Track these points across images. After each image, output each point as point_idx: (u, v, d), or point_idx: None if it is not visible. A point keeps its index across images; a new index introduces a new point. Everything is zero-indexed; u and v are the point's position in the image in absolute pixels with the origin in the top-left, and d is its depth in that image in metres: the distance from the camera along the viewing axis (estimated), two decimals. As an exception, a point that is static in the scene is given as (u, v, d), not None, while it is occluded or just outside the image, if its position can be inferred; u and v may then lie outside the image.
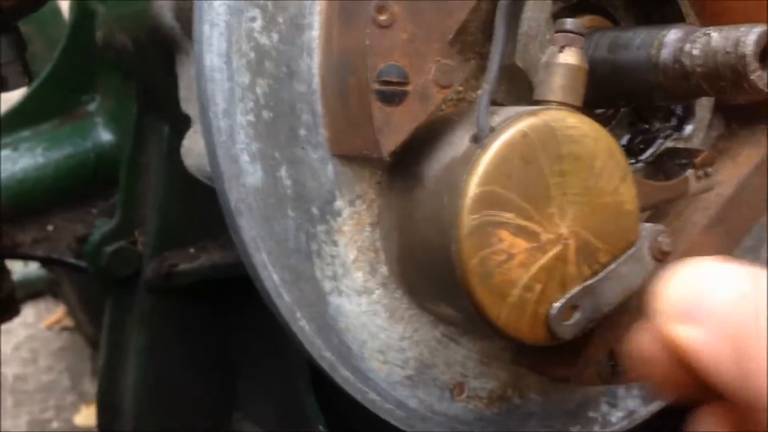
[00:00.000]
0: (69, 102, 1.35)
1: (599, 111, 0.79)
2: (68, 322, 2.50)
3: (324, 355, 0.72)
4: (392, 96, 0.63)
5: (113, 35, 1.12)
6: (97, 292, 1.43)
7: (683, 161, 0.76)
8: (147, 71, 1.09)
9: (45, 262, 1.48)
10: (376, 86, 0.63)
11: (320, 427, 1.12)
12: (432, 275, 0.69)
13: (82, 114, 1.37)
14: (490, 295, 0.65)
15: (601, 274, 0.66)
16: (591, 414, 0.87)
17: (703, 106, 0.83)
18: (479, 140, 0.64)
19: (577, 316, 0.65)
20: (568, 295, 0.65)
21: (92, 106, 1.36)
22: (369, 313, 0.74)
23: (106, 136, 1.34)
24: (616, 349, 0.76)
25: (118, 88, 1.30)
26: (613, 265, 0.67)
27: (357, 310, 0.73)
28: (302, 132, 0.69)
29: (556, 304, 0.64)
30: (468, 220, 0.63)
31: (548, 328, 0.65)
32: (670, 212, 0.84)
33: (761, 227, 0.91)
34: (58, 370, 2.42)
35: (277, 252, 0.69)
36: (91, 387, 2.31)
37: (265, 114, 0.67)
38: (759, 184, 0.83)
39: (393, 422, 0.77)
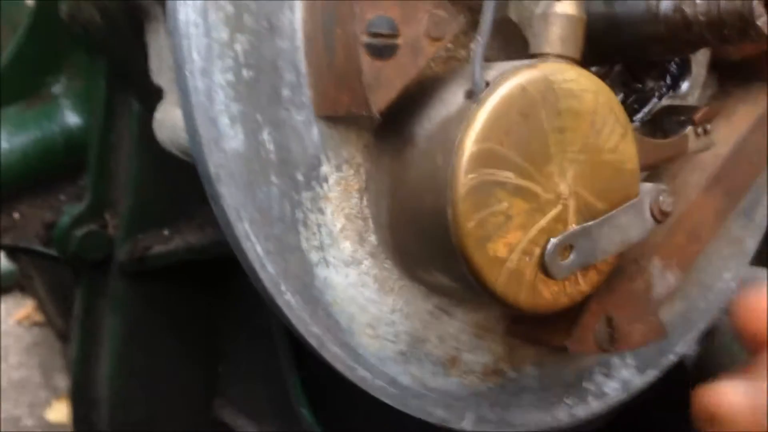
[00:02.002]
0: (34, 84, 1.29)
1: (593, 69, 0.75)
2: (38, 317, 2.46)
3: (312, 330, 0.69)
4: (382, 49, 0.60)
5: (79, 7, 1.07)
6: (67, 284, 1.38)
7: (682, 118, 0.73)
8: (116, 43, 1.04)
9: (12, 251, 1.43)
10: (365, 39, 0.59)
11: (303, 410, 1.09)
12: (425, 241, 0.66)
13: (48, 96, 1.31)
14: (487, 260, 0.61)
15: (601, 219, 0.63)
16: (586, 385, 0.85)
17: (699, 62, 0.81)
18: (474, 95, 0.60)
19: (572, 257, 0.62)
20: (565, 233, 0.62)
21: (58, 88, 1.30)
22: (357, 285, 0.70)
23: (73, 118, 1.28)
24: (613, 315, 0.74)
25: (86, 68, 1.24)
26: (613, 212, 0.64)
27: (345, 282, 0.69)
28: (285, 92, 0.65)
29: (553, 240, 0.61)
30: (464, 179, 0.59)
31: (542, 265, 0.62)
32: (665, 174, 0.81)
33: (755, 188, 0.89)
34: (30, 366, 2.37)
35: (260, 221, 0.65)
36: (63, 382, 2.27)
37: (246, 73, 0.63)
38: (756, 142, 0.81)
39: (385, 400, 0.74)
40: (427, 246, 0.66)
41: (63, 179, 1.26)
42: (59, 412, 2.24)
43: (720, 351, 1.13)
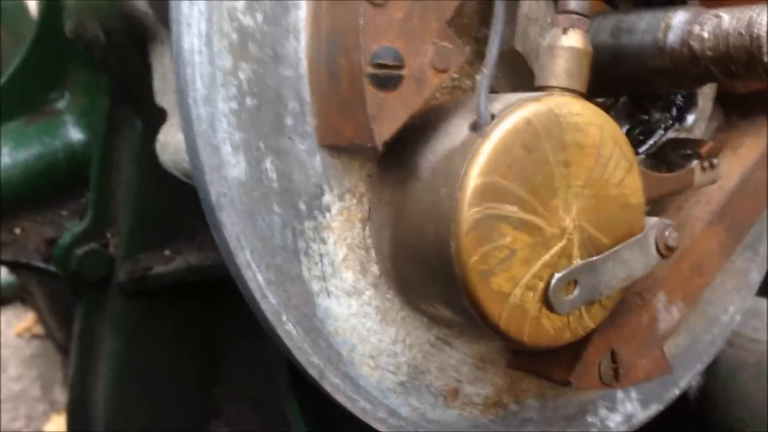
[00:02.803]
0: (37, 99, 1.29)
1: (598, 100, 0.75)
2: (38, 329, 2.45)
3: (312, 361, 0.68)
4: (387, 80, 0.59)
5: (83, 25, 1.07)
6: (67, 298, 1.37)
7: (688, 152, 0.72)
8: (119, 63, 1.04)
9: (13, 266, 1.42)
10: (370, 69, 0.59)
11: (302, 434, 1.08)
12: (427, 274, 0.65)
13: (51, 112, 1.31)
14: (490, 295, 0.61)
15: (605, 253, 0.62)
16: (589, 419, 0.84)
17: (705, 95, 0.80)
18: (479, 128, 0.60)
19: (576, 292, 0.62)
20: (570, 268, 0.61)
21: (62, 104, 1.30)
22: (359, 316, 0.69)
23: (76, 134, 1.28)
24: (617, 350, 0.73)
25: (89, 85, 1.24)
26: (617, 247, 0.63)
27: (346, 313, 0.68)
28: (289, 121, 0.64)
29: (558, 275, 0.60)
30: (468, 213, 0.59)
31: (546, 300, 0.61)
32: (669, 206, 0.81)
33: (760, 222, 0.88)
34: (29, 379, 2.36)
35: (261, 250, 0.64)
36: (62, 395, 2.26)
37: (249, 101, 0.62)
38: (761, 177, 0.80)
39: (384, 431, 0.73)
40: (429, 278, 0.65)
41: (65, 195, 1.25)
42: (57, 425, 2.23)
43: (723, 383, 1.12)
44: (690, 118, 0.78)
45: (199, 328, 1.19)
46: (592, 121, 0.62)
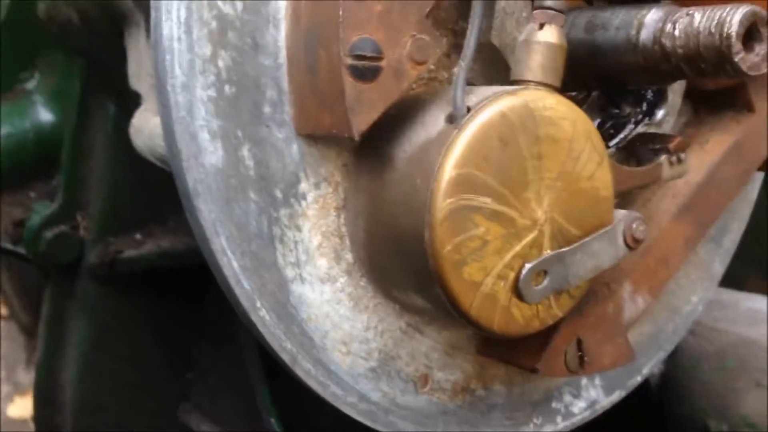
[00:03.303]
0: (6, 80, 1.27)
1: (571, 93, 0.76)
2: (2, 310, 2.42)
3: (285, 346, 0.69)
4: (365, 71, 0.60)
5: (57, 8, 1.06)
6: (32, 278, 1.36)
7: (657, 146, 0.74)
8: (93, 46, 1.03)
9: (-21, 247, 1.40)
10: (349, 61, 0.59)
11: (272, 420, 1.09)
12: (401, 262, 0.66)
13: (21, 92, 1.29)
14: (462, 284, 0.62)
15: (574, 245, 0.64)
16: (554, 405, 0.86)
17: (675, 91, 0.82)
18: (455, 120, 0.61)
19: (545, 282, 0.63)
20: (540, 259, 0.62)
21: (32, 84, 1.28)
22: (332, 302, 0.70)
23: (46, 115, 1.26)
24: (583, 338, 0.75)
25: (61, 66, 1.23)
26: (587, 239, 0.65)
27: (320, 299, 0.69)
28: (267, 109, 0.65)
29: (528, 265, 0.62)
30: (443, 204, 0.60)
31: (516, 290, 0.62)
32: (637, 199, 0.82)
33: (724, 215, 0.90)
34: (-7, 360, 2.33)
35: (237, 237, 0.65)
36: (25, 377, 2.24)
37: (228, 89, 0.63)
38: (727, 172, 0.82)
39: (355, 416, 0.74)
40: (402, 267, 0.66)
41: (34, 176, 1.24)
42: (21, 407, 2.21)
43: (684, 371, 1.15)
44: (660, 113, 0.79)
45: (171, 313, 1.19)
46: (565, 116, 0.64)
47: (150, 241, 1.13)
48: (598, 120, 0.80)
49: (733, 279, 1.07)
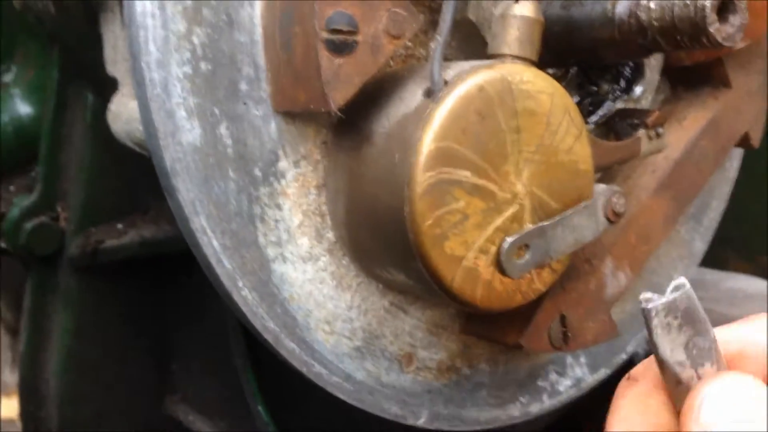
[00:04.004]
0: (-17, 73, 1.26)
1: (549, 71, 0.76)
2: (-15, 310, 2.39)
3: (268, 326, 0.68)
4: (341, 46, 0.60)
5: (32, -5, 1.05)
6: (16, 276, 1.34)
7: (635, 121, 0.74)
8: (69, 33, 1.02)
9: (-41, 243, 1.39)
10: (325, 35, 0.59)
11: (259, 408, 1.08)
12: (382, 239, 0.66)
13: (-1, 85, 1.28)
14: (444, 258, 0.62)
15: (555, 218, 0.64)
16: (540, 383, 0.86)
17: (653, 67, 0.82)
18: (433, 94, 0.61)
19: (527, 256, 0.63)
20: (521, 233, 0.62)
21: (9, 77, 1.27)
22: (315, 281, 0.70)
23: (24, 108, 1.25)
24: (566, 314, 0.75)
25: (38, 58, 1.21)
26: (567, 212, 0.65)
27: (302, 278, 0.69)
28: (243, 86, 0.64)
29: (509, 239, 0.62)
30: (422, 178, 0.60)
31: (498, 264, 0.62)
32: (617, 175, 0.83)
33: (704, 193, 0.91)
34: (-23, 361, 2.31)
35: (216, 216, 0.64)
36: (11, 377, 2.21)
37: (203, 66, 0.62)
38: (705, 147, 0.83)
39: (340, 396, 0.74)
40: (383, 243, 0.66)
41: (13, 170, 1.23)
42: (8, 409, 2.19)
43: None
44: (638, 90, 0.80)
45: (154, 303, 1.18)
46: (543, 89, 0.64)
47: (132, 230, 1.12)
48: (577, 98, 0.80)
49: (714, 261, 1.08)
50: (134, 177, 1.10)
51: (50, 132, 1.13)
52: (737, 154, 0.97)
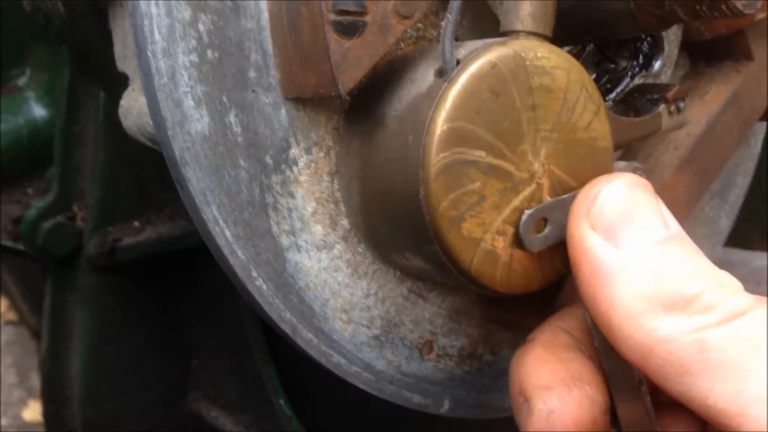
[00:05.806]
0: (-1, 77, 1.26)
1: (565, 48, 0.75)
2: (12, 315, 2.42)
3: (284, 316, 0.67)
4: (350, 27, 0.58)
5: (42, -4, 1.05)
6: (39, 282, 1.35)
7: (654, 96, 0.72)
8: (79, 32, 1.02)
9: (-21, 247, 1.39)
10: (332, 16, 0.58)
11: (281, 402, 1.08)
12: (397, 223, 0.64)
13: (13, 89, 1.28)
14: (461, 241, 0.60)
15: (574, 192, 0.62)
16: (564, 369, 0.84)
17: (671, 41, 0.80)
18: (445, 74, 0.59)
19: (546, 230, 0.61)
20: (540, 206, 0.61)
21: (23, 80, 1.28)
22: (330, 270, 0.69)
23: (39, 111, 1.25)
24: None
25: (50, 60, 1.22)
26: None
27: (317, 267, 0.68)
28: (252, 73, 0.63)
29: (528, 212, 0.60)
30: (436, 159, 0.58)
31: (517, 238, 0.61)
32: (639, 153, 0.81)
33: (728, 169, 0.88)
34: (4, 366, 2.34)
35: (228, 206, 0.63)
36: (38, 381, 2.23)
37: (210, 54, 0.61)
38: (727, 123, 0.81)
39: (360, 386, 0.72)
40: (399, 228, 0.64)
41: (30, 173, 1.23)
42: (36, 411, 2.21)
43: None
44: (657, 64, 0.78)
45: (173, 300, 1.18)
46: (558, 65, 0.62)
47: (148, 227, 1.12)
48: (594, 75, 0.78)
49: (739, 240, 1.05)
50: (149, 174, 1.09)
51: (63, 131, 1.13)
52: (761, 128, 0.95)
